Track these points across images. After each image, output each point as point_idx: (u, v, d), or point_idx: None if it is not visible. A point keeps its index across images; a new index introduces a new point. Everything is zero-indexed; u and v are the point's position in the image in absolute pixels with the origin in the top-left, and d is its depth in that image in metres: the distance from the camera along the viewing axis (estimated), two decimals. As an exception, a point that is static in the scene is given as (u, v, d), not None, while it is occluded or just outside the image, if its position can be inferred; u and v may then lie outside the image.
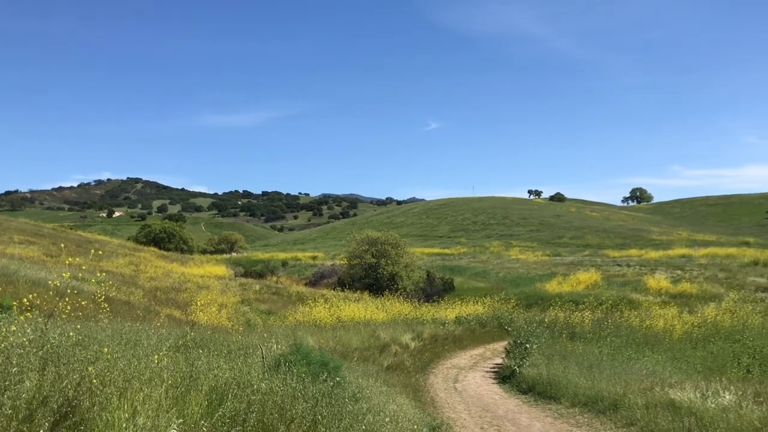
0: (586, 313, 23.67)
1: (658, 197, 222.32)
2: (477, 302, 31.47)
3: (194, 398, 6.17)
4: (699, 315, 24.72)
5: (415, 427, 7.21)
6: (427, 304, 33.57)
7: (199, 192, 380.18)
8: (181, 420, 5.46)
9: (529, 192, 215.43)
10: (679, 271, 50.39)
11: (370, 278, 43.23)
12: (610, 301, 27.57)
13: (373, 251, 43.96)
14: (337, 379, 7.68)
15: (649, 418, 9.17)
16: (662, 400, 9.67)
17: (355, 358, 15.77)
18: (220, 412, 5.84)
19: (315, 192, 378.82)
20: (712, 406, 8.97)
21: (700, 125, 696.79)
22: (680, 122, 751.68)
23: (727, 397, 9.28)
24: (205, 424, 5.58)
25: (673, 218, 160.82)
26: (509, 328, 21.91)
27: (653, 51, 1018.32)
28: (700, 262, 58.58)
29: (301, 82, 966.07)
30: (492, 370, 16.58)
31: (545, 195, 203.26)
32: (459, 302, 32.80)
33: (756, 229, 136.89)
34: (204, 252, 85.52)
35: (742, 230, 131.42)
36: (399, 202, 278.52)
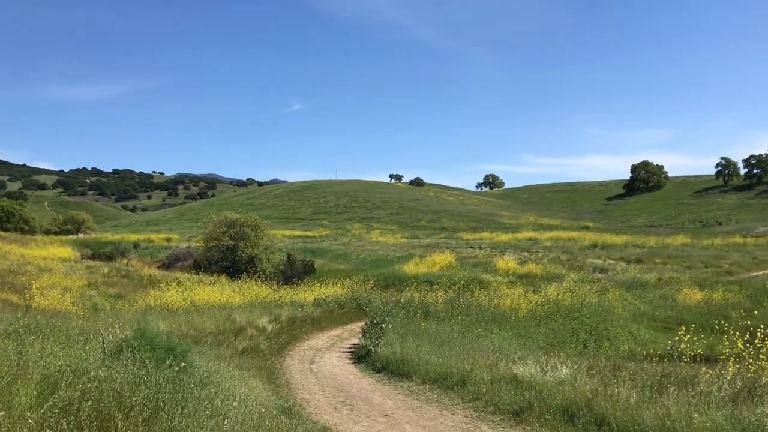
0: (440, 293, 24.45)
1: (509, 183, 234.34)
2: (337, 284, 31.62)
3: (22, 388, 5.69)
4: (543, 294, 26.26)
5: (263, 409, 7.06)
6: (286, 286, 33.31)
7: (43, 168, 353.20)
8: (3, 412, 5.00)
9: (391, 176, 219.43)
10: (526, 253, 53.30)
11: (228, 261, 42.24)
12: (462, 282, 28.65)
13: (232, 233, 42.95)
14: (183, 364, 7.36)
15: (493, 392, 9.59)
16: (506, 375, 10.14)
17: (209, 343, 15.35)
18: (50, 402, 5.41)
19: (171, 171, 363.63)
20: (551, 379, 9.52)
21: (549, 117, 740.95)
22: (531, 113, 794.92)
23: (564, 370, 9.89)
24: (33, 416, 5.14)
25: (522, 203, 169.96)
26: (367, 309, 22.16)
27: (507, 44, 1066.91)
28: (545, 245, 62.38)
29: (158, 55, 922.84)
30: (349, 350, 16.71)
31: (406, 179, 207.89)
32: (319, 284, 32.80)
33: (596, 214, 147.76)
34: (48, 233, 79.81)
35: (584, 215, 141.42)
36: (260, 184, 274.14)
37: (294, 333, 18.96)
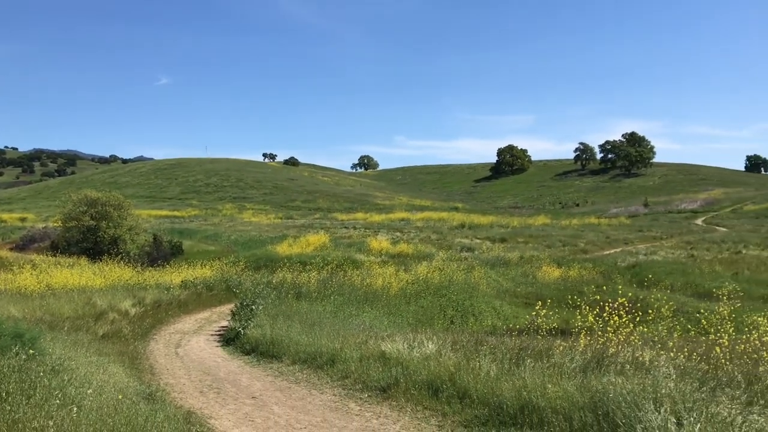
0: (313, 274, 24.41)
1: (383, 165, 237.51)
2: (206, 266, 30.79)
3: None
4: (413, 273, 26.85)
5: (120, 396, 6.74)
6: (152, 268, 31.98)
7: None
8: None
9: (264, 155, 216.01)
10: (398, 233, 54.35)
11: (89, 242, 39.93)
12: (335, 262, 28.75)
13: (93, 213, 40.56)
14: (32, 351, 6.88)
15: (362, 370, 9.70)
16: (375, 353, 10.29)
17: (66, 328, 14.46)
18: None
19: (26, 146, 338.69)
20: (417, 355, 9.75)
21: (422, 100, 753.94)
22: (405, 96, 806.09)
23: (430, 346, 10.16)
24: None
25: (396, 185, 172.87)
26: (237, 291, 21.75)
27: (382, 25, 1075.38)
28: (417, 225, 63.86)
29: (11, 22, 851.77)
30: (217, 333, 16.34)
31: (280, 159, 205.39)
32: (187, 266, 31.80)
33: (465, 195, 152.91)
34: None
35: (454, 196, 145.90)
36: (125, 161, 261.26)
37: (159, 316, 18.28)
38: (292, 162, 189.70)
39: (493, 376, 7.98)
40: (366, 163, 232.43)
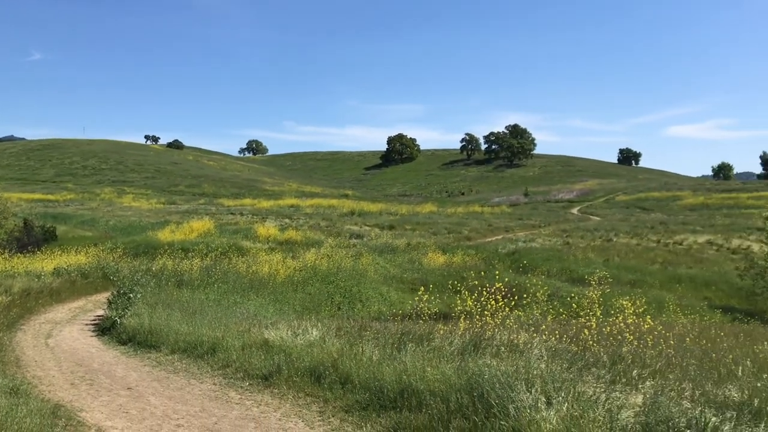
0: (196, 261, 23.73)
1: (272, 150, 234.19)
2: (81, 252, 29.21)
3: None
4: (301, 260, 26.69)
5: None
6: (21, 255, 30.00)
7: None
8: None
9: (146, 137, 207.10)
10: (287, 220, 53.82)
11: (-51, 227, 36.94)
12: (220, 249, 28.10)
13: (-47, 195, 37.58)
14: None
15: (244, 358, 9.52)
16: (257, 341, 10.13)
17: None
18: None
19: None
20: (301, 342, 9.69)
21: (313, 85, 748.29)
22: (295, 80, 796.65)
23: (315, 333, 10.12)
24: None
25: (285, 170, 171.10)
26: (114, 278, 20.80)
27: (275, 9, 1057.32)
28: (306, 212, 63.51)
29: None
30: (92, 322, 15.56)
31: (163, 141, 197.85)
32: (60, 252, 30.02)
33: (355, 183, 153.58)
34: None
35: (344, 184, 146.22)
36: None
37: (29, 306, 17.17)
38: (176, 145, 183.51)
39: (375, 361, 8.05)
40: (255, 147, 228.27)
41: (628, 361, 7.52)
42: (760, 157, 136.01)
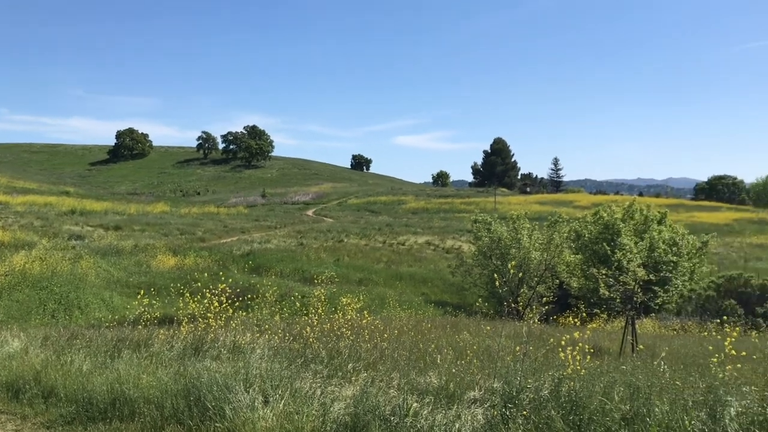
0: None
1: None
2: None
3: None
4: (7, 264, 23.88)
5: None
6: None
7: None
8: None
9: None
10: (-7, 219, 47.71)
11: None
12: None
13: None
14: None
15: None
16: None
17: None
18: None
19: None
20: (-2, 355, 8.64)
21: (28, 69, 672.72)
22: (5, 62, 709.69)
23: (15, 344, 9.09)
24: None
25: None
26: None
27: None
28: (17, 210, 56.91)
29: None
30: None
31: None
32: None
33: (78, 179, 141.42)
34: None
35: (65, 179, 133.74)
36: None
37: None
38: None
39: (85, 371, 7.46)
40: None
41: (345, 356, 7.89)
42: (472, 167, 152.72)
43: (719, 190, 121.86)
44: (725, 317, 12.17)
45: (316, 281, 21.47)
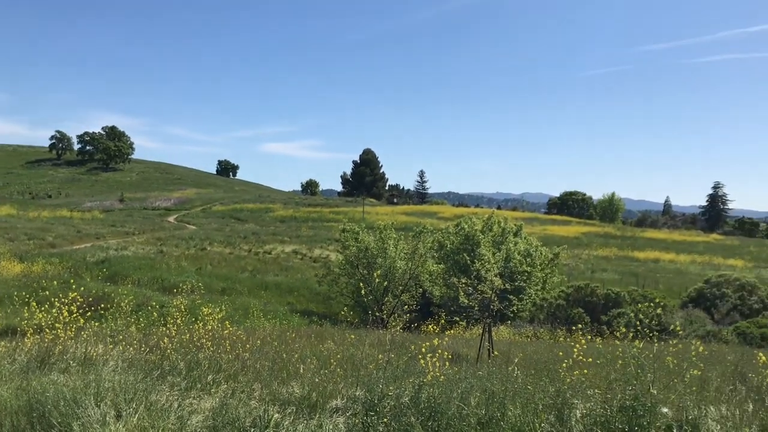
0: None
1: None
2: None
3: None
4: None
5: None
6: None
7: None
8: None
9: None
10: None
11: None
12: None
13: None
14: None
15: None
16: None
17: None
18: None
19: None
20: None
21: None
22: None
23: None
24: None
25: None
26: None
27: None
28: None
29: None
30: None
31: None
32: None
33: None
34: None
35: None
36: None
37: None
38: None
39: None
40: None
41: (205, 367, 7.67)
42: (341, 177, 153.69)
43: (570, 205, 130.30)
44: (575, 325, 13.00)
45: (176, 290, 20.73)
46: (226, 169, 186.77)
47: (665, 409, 5.90)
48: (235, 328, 11.86)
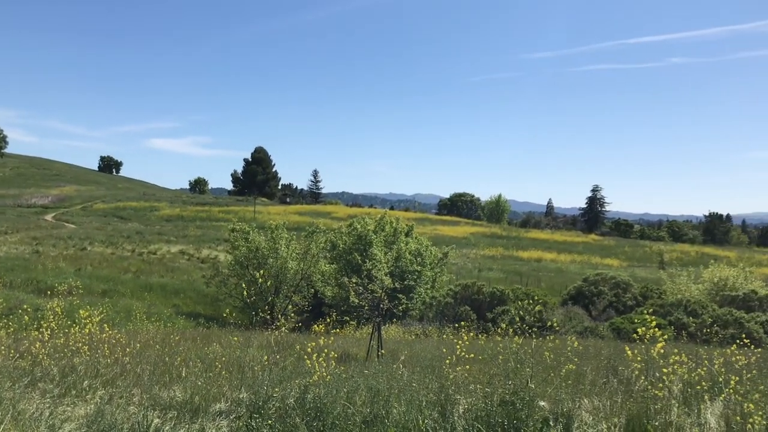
0: None
1: None
2: None
3: None
4: None
5: None
6: None
7: None
8: None
9: None
10: None
11: None
12: None
13: None
14: None
15: None
16: None
17: None
18: None
19: None
20: None
21: None
22: None
23: None
24: None
25: None
26: None
27: None
28: None
29: None
30: None
31: None
32: None
33: None
34: None
35: None
36: None
37: None
38: None
39: None
40: None
41: (81, 373, 7.30)
42: (232, 175, 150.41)
43: (459, 206, 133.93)
44: (462, 322, 13.37)
45: (52, 293, 19.61)
46: (109, 165, 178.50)
47: (542, 403, 6.18)
48: (116, 331, 11.36)
